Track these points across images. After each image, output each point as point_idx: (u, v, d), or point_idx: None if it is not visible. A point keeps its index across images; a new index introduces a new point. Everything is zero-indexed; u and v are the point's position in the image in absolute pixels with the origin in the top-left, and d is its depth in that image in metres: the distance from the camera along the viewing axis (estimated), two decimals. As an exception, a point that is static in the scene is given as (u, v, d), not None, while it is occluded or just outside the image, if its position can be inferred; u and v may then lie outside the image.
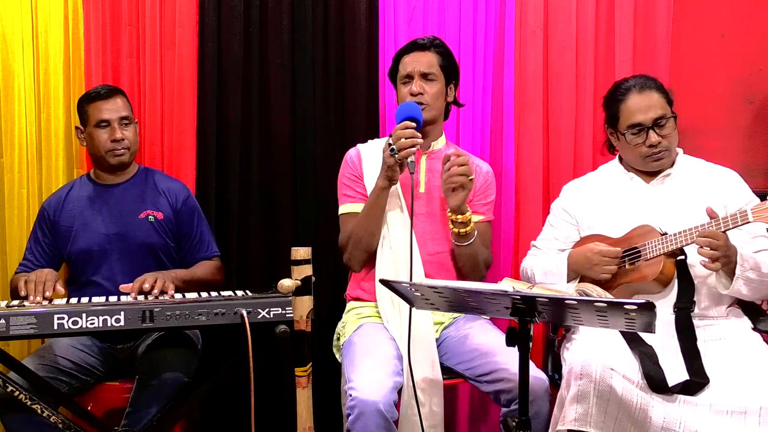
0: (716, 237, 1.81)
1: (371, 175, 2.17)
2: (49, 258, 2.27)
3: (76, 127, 2.33)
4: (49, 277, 1.99)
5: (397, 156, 1.98)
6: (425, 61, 2.19)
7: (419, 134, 2.01)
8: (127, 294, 1.96)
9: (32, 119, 2.46)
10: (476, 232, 2.11)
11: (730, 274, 1.87)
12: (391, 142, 2.00)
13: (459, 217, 2.05)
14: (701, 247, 1.82)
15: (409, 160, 1.97)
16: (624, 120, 2.07)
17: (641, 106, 2.04)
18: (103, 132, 2.25)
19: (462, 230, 2.07)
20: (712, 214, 1.84)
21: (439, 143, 2.28)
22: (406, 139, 1.97)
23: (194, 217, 2.36)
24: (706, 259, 1.83)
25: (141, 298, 1.92)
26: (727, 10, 2.69)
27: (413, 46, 2.23)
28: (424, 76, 2.18)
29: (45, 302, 1.89)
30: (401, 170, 2.04)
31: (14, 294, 2.15)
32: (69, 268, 2.31)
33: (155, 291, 1.96)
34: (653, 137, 2.02)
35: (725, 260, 1.83)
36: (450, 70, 2.24)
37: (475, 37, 2.59)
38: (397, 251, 2.12)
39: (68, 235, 2.25)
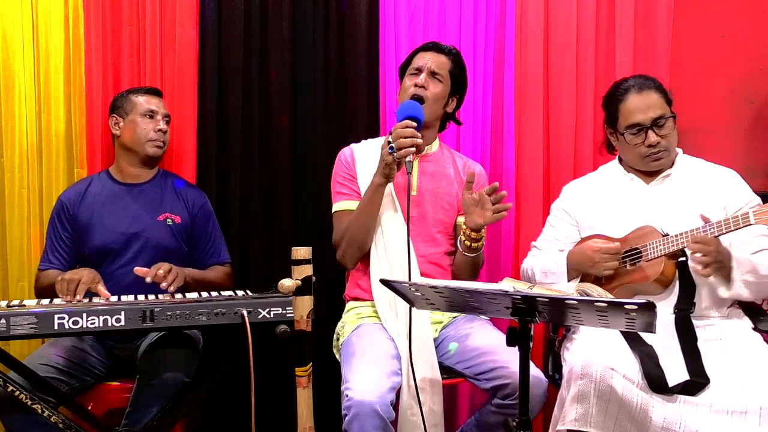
0: (708, 243, 1.82)
1: (365, 175, 2.17)
2: (72, 251, 2.27)
3: (112, 116, 2.34)
4: (89, 278, 1.98)
5: (395, 155, 1.98)
6: (439, 61, 2.21)
7: (419, 134, 2.01)
8: (127, 295, 1.96)
9: (32, 119, 2.46)
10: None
11: (727, 277, 1.87)
12: (390, 140, 2.00)
13: (474, 234, 2.07)
14: (693, 252, 1.83)
15: (407, 159, 1.97)
16: (623, 120, 2.07)
17: (640, 106, 2.04)
18: (149, 121, 2.29)
19: (475, 244, 2.09)
20: (705, 220, 1.85)
21: (433, 147, 2.29)
22: (405, 138, 1.98)
23: (209, 223, 2.38)
24: (698, 265, 1.83)
25: (141, 297, 1.92)
26: (727, 10, 2.70)
27: (433, 46, 2.25)
28: (433, 74, 2.19)
29: (85, 300, 1.91)
30: (398, 168, 2.04)
31: (45, 291, 2.15)
32: (81, 264, 2.29)
33: (164, 285, 1.98)
34: (652, 137, 2.02)
35: (717, 265, 1.84)
36: (458, 81, 2.25)
37: (476, 37, 2.59)
38: (392, 253, 2.13)
39: (86, 230, 2.25)
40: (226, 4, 2.54)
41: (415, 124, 2.01)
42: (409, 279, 1.98)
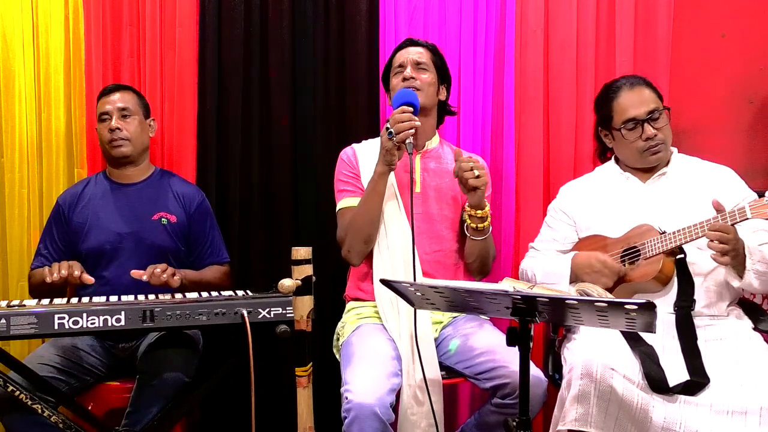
0: (726, 230, 1.80)
1: (368, 173, 2.17)
2: (64, 253, 2.27)
3: (96, 128, 2.36)
4: (75, 265, 2.02)
5: (395, 139, 1.99)
6: (418, 52, 2.23)
7: (416, 118, 2.02)
8: (128, 294, 1.96)
9: (33, 119, 2.46)
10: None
11: (740, 267, 1.86)
12: (388, 126, 2.00)
13: (479, 212, 2.07)
14: (711, 240, 1.81)
15: (407, 141, 1.98)
16: (618, 117, 2.09)
17: (634, 101, 2.07)
18: (104, 125, 2.28)
19: (480, 225, 2.08)
20: (719, 207, 1.83)
21: (433, 142, 2.29)
22: (403, 122, 1.99)
23: (206, 222, 2.37)
24: (716, 253, 1.82)
25: (141, 297, 1.92)
26: (727, 10, 2.69)
27: (406, 42, 2.28)
28: (417, 65, 2.20)
29: (85, 300, 1.91)
30: (400, 154, 2.04)
31: (36, 290, 2.17)
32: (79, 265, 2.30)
33: (164, 277, 2.00)
34: (649, 130, 2.04)
35: (734, 254, 1.82)
36: (442, 71, 2.27)
37: (476, 37, 2.59)
38: (395, 251, 2.12)
39: (81, 231, 2.25)
40: (226, 4, 2.54)
41: (411, 109, 2.02)
42: (414, 278, 1.98)
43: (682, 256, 1.93)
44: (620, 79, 2.16)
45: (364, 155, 2.25)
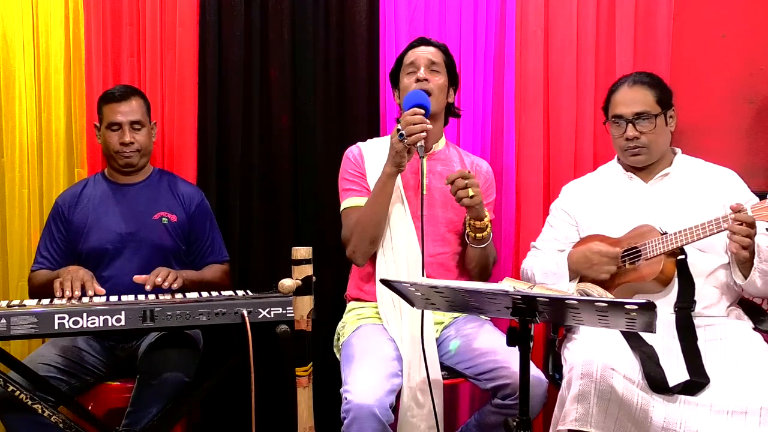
0: (752, 224, 1.79)
1: (373, 173, 2.16)
2: (65, 254, 2.27)
3: (94, 125, 2.35)
4: (86, 277, 2.01)
5: (406, 141, 1.97)
6: (432, 53, 2.21)
7: (428, 121, 2.01)
8: (129, 294, 1.96)
9: (33, 119, 2.46)
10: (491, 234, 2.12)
11: (747, 264, 1.86)
12: (399, 127, 1.99)
13: (478, 223, 2.07)
14: (734, 233, 1.80)
15: (418, 144, 1.97)
16: (610, 109, 2.12)
17: (626, 99, 2.08)
18: (114, 134, 2.26)
19: (479, 235, 2.09)
20: (738, 209, 1.81)
21: (440, 145, 2.28)
22: (415, 125, 1.97)
23: (207, 221, 2.37)
24: (737, 246, 1.80)
25: (142, 297, 1.92)
26: (727, 10, 2.69)
27: (421, 41, 2.26)
28: (431, 66, 2.18)
29: (77, 301, 1.90)
30: (409, 157, 2.04)
31: (38, 291, 2.16)
32: (79, 265, 2.29)
33: (165, 285, 1.99)
34: (630, 131, 2.05)
35: (751, 248, 1.82)
36: (452, 72, 2.25)
37: (476, 37, 2.60)
38: (399, 253, 2.12)
39: (81, 231, 2.25)
40: (226, 4, 2.54)
41: (423, 111, 2.01)
42: (423, 273, 1.98)
43: (683, 257, 1.93)
44: (630, 74, 2.15)
45: (370, 154, 2.24)
